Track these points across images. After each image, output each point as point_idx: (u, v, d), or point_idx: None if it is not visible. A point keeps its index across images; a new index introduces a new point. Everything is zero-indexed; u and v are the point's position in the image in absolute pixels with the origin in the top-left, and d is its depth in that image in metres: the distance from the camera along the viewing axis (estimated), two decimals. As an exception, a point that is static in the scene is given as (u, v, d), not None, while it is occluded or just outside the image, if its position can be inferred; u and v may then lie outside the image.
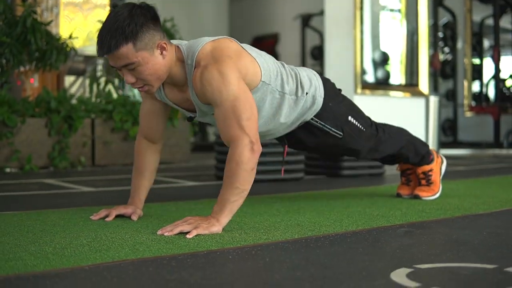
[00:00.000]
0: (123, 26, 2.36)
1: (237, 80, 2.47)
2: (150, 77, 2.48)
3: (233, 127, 2.45)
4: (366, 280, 1.70)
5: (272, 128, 2.90)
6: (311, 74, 2.99)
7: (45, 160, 6.01)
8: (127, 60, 2.41)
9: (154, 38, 2.44)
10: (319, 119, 3.00)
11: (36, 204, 3.49)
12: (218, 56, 2.49)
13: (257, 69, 2.63)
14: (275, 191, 4.06)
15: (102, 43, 2.39)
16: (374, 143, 3.22)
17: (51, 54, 5.70)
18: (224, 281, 1.69)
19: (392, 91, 8.36)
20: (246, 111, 2.45)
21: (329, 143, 3.10)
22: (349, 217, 2.86)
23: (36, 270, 1.78)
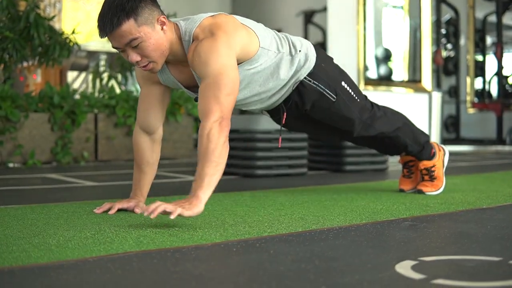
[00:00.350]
0: (123, 3, 2.41)
1: (227, 56, 2.51)
2: (154, 53, 2.51)
3: (210, 100, 2.45)
4: (371, 272, 1.70)
5: (271, 87, 2.91)
6: (301, 39, 3.05)
7: (48, 155, 6.01)
8: (130, 36, 2.44)
9: (154, 13, 2.50)
10: (312, 78, 3.00)
11: (39, 198, 3.49)
12: (215, 31, 2.54)
13: (254, 38, 2.71)
14: (279, 185, 4.05)
15: (103, 23, 2.43)
16: (368, 117, 3.21)
17: (54, 49, 5.69)
18: (229, 273, 1.69)
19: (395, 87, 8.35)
20: (227, 87, 2.47)
21: (323, 106, 3.08)
22: (353, 211, 2.85)
23: (40, 262, 1.78)
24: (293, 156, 4.86)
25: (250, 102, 2.97)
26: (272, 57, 2.82)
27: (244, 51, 2.67)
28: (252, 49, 2.71)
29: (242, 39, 2.64)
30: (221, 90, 2.45)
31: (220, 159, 2.40)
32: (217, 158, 2.39)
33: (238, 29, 2.64)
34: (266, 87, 2.89)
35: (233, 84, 2.50)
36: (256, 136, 4.69)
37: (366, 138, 3.37)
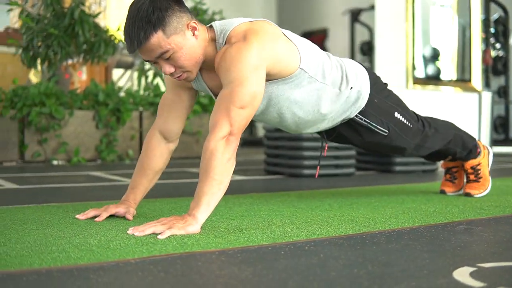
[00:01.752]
0: (148, 15, 2.22)
1: (253, 66, 2.29)
2: (187, 62, 2.34)
3: (221, 112, 2.26)
4: (427, 279, 1.60)
5: (311, 120, 2.73)
6: (357, 67, 2.83)
7: (93, 153, 5.99)
8: (160, 50, 2.26)
9: (183, 20, 2.30)
10: (363, 116, 2.83)
11: (81, 196, 3.44)
12: (249, 37, 2.32)
13: (295, 56, 2.50)
14: (326, 186, 3.96)
15: (130, 38, 2.24)
16: (420, 139, 3.05)
17: (99, 46, 5.67)
18: (277, 277, 1.60)
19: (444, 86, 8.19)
20: (244, 100, 2.26)
21: (374, 141, 2.93)
22: (405, 213, 2.74)
23: (79, 263, 1.71)
24: (340, 156, 4.76)
25: (281, 125, 2.79)
26: (313, 85, 2.60)
27: (279, 67, 2.44)
28: (290, 67, 2.49)
29: (279, 52, 2.42)
30: (234, 102, 2.25)
31: (223, 177, 2.22)
32: (218, 176, 2.20)
33: (276, 40, 2.42)
34: (304, 119, 2.71)
35: (251, 98, 2.28)
36: (303, 136, 4.59)
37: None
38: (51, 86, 5.61)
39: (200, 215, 2.19)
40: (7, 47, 7.21)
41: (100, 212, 2.51)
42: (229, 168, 2.24)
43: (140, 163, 2.66)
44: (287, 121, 2.69)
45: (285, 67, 2.47)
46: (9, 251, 1.85)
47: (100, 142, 5.98)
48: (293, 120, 2.69)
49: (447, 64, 8.93)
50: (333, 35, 13.46)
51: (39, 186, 3.91)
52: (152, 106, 6.36)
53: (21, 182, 4.13)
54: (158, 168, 2.67)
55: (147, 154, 2.65)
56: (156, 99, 6.35)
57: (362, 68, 2.85)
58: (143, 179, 2.64)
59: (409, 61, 7.60)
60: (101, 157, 5.96)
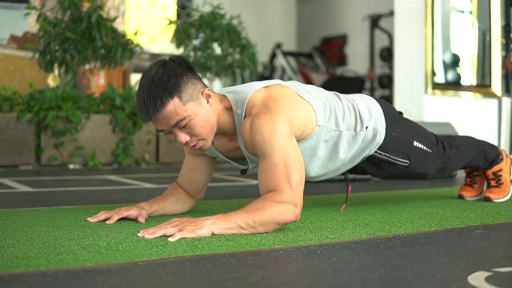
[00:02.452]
0: (163, 82, 2.20)
1: (289, 135, 2.29)
2: (203, 129, 2.31)
3: (281, 180, 2.23)
4: (441, 284, 1.56)
5: (332, 168, 2.70)
6: (370, 104, 2.79)
7: (109, 157, 5.98)
8: (177, 117, 2.24)
9: (197, 87, 2.29)
10: (382, 151, 2.79)
11: (96, 199, 3.43)
12: (271, 105, 2.31)
13: (311, 114, 2.47)
14: (342, 191, 3.91)
15: (146, 106, 2.21)
16: (442, 162, 3.00)
17: (116, 50, 5.66)
18: (287, 281, 1.56)
19: (464, 91, 8.12)
20: (297, 173, 2.26)
21: (396, 172, 2.89)
22: (421, 217, 2.70)
23: (87, 265, 1.69)
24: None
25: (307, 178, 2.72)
26: (329, 134, 2.57)
27: (301, 129, 2.43)
28: (309, 127, 2.47)
29: (300, 116, 2.40)
30: (292, 175, 2.24)
31: (260, 228, 2.19)
32: (258, 224, 2.18)
33: (295, 104, 2.40)
34: (325, 169, 2.68)
35: (301, 170, 2.29)
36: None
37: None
38: (68, 90, 5.61)
39: (218, 225, 2.17)
40: (25, 51, 7.23)
41: (111, 214, 2.49)
42: (271, 228, 2.23)
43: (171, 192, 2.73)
44: (309, 173, 2.65)
45: (305, 127, 2.45)
46: (16, 252, 1.83)
47: (117, 146, 5.96)
48: (314, 170, 2.66)
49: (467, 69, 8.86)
50: (353, 41, 13.40)
51: (54, 189, 3.90)
52: (169, 111, 6.34)
53: (35, 185, 4.12)
54: (175, 208, 2.73)
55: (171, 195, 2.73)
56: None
57: (375, 103, 2.81)
58: (161, 201, 2.69)
59: (428, 67, 7.53)
60: (118, 161, 5.95)
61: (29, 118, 5.57)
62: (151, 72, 2.25)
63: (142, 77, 2.28)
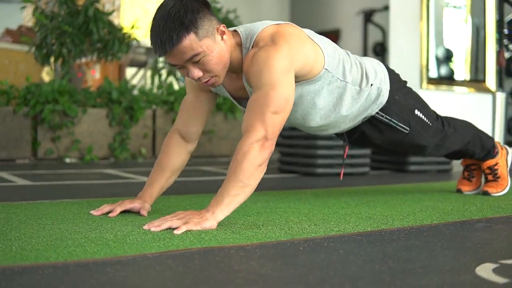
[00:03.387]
0: (180, 16, 2.17)
1: (285, 70, 2.26)
2: (216, 66, 2.29)
3: (255, 115, 2.21)
4: (450, 275, 1.57)
5: (333, 121, 2.70)
6: (377, 65, 2.81)
7: (106, 151, 5.98)
8: (192, 52, 2.21)
9: (213, 23, 2.26)
10: (384, 113, 2.80)
11: (96, 192, 3.43)
12: (277, 39, 2.30)
13: (319, 56, 2.46)
14: (341, 184, 3.92)
15: (161, 40, 2.18)
16: (440, 139, 3.02)
17: (113, 44, 5.65)
18: (297, 272, 1.57)
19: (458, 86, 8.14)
20: (277, 104, 2.22)
21: (395, 139, 2.90)
22: (422, 211, 2.71)
23: (96, 257, 1.69)
24: (355, 154, 4.73)
25: (305, 128, 2.79)
26: (335, 84, 2.57)
27: (306, 69, 2.42)
28: (315, 68, 2.46)
29: (306, 55, 2.39)
30: (269, 107, 2.21)
31: (250, 181, 2.17)
32: (246, 179, 2.16)
33: (304, 43, 2.39)
34: (326, 120, 2.68)
35: (285, 103, 2.26)
36: (318, 134, 4.56)
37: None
38: (64, 84, 5.60)
39: (219, 213, 2.16)
40: (20, 45, 7.21)
41: (114, 207, 2.49)
42: (258, 174, 2.20)
43: (159, 162, 2.63)
44: (310, 122, 2.67)
45: (311, 68, 2.45)
46: (24, 245, 1.83)
47: (113, 140, 5.96)
48: (315, 121, 2.67)
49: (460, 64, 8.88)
50: (346, 35, 13.39)
51: (53, 183, 3.90)
52: (165, 105, 6.34)
53: (34, 179, 4.12)
54: (176, 167, 2.64)
55: (166, 153, 2.63)
56: (170, 98, 6.33)
57: (381, 65, 2.83)
58: (161, 177, 2.61)
59: (423, 62, 7.55)
60: (114, 155, 5.95)
61: (25, 111, 5.56)
62: (167, 5, 2.21)
63: (158, 10, 2.24)
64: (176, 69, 2.35)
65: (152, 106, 6.28)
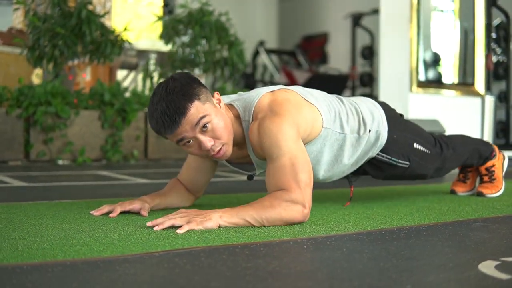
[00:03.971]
0: (180, 90, 2.24)
1: (296, 138, 2.32)
2: (224, 131, 2.33)
3: (290, 180, 2.25)
4: (454, 272, 1.60)
5: (337, 171, 2.73)
6: (372, 107, 2.83)
7: (98, 153, 5.98)
8: (199, 115, 2.25)
9: (208, 93, 2.34)
10: (384, 153, 2.83)
11: (93, 193, 3.44)
12: (277, 109, 2.35)
13: (317, 117, 2.51)
14: (334, 186, 3.95)
15: (169, 116, 2.23)
16: (440, 163, 3.05)
17: (105, 46, 5.66)
18: (304, 269, 1.59)
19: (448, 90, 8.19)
20: (305, 173, 2.27)
21: (396, 173, 2.94)
22: (419, 211, 2.74)
23: (103, 256, 1.71)
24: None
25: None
26: (334, 137, 2.61)
27: (307, 131, 2.46)
28: (315, 130, 2.50)
29: (306, 119, 2.44)
30: (300, 175, 2.25)
31: (266, 223, 2.21)
32: (265, 220, 2.21)
33: (301, 107, 2.44)
34: (330, 171, 2.71)
35: (309, 171, 2.30)
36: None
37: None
38: (57, 86, 5.60)
39: (225, 217, 2.19)
40: (11, 47, 7.20)
41: (114, 207, 2.50)
42: (276, 224, 2.23)
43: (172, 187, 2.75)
44: (317, 176, 2.68)
45: (311, 130, 2.49)
46: (30, 244, 1.85)
47: (106, 142, 5.96)
48: (320, 174, 2.69)
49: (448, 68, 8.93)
50: (334, 39, 13.45)
51: (48, 184, 3.90)
52: (157, 107, 6.34)
53: (29, 180, 4.12)
54: (177, 201, 2.74)
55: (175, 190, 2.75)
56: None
57: (377, 105, 2.86)
58: (163, 196, 2.70)
59: (413, 65, 7.59)
60: (106, 157, 5.95)
61: (18, 113, 5.56)
62: (162, 88, 2.26)
63: (153, 96, 2.29)
64: (186, 147, 2.36)
65: (144, 109, 6.29)
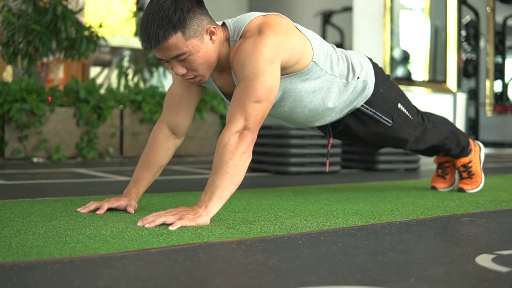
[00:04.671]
0: (169, 14, 2.16)
1: (269, 60, 2.25)
2: (201, 66, 2.29)
3: (237, 106, 2.22)
4: (453, 265, 1.61)
5: (320, 113, 2.73)
6: (362, 59, 2.84)
7: (73, 150, 5.93)
8: (177, 51, 2.21)
9: (203, 23, 2.25)
10: (369, 106, 2.84)
11: (74, 191, 3.41)
12: (264, 30, 2.29)
13: (307, 49, 2.47)
14: (316, 183, 3.96)
15: (148, 35, 2.18)
16: (420, 132, 3.07)
17: (81, 43, 5.60)
18: (305, 264, 1.59)
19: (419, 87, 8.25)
20: (259, 93, 2.21)
21: (378, 131, 2.94)
22: (404, 207, 2.76)
23: (99, 253, 1.69)
24: (326, 154, 4.76)
25: (292, 120, 2.80)
26: (323, 77, 2.58)
27: (294, 60, 2.41)
28: (303, 61, 2.46)
29: (294, 45, 2.38)
30: (250, 96, 2.21)
31: (236, 171, 2.17)
32: (232, 169, 2.15)
33: (292, 33, 2.39)
34: (314, 112, 2.70)
35: (268, 91, 2.24)
36: (289, 133, 4.59)
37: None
38: (32, 83, 5.55)
39: (211, 207, 2.16)
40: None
41: (101, 204, 2.47)
42: (243, 163, 2.19)
43: (146, 157, 2.60)
44: (297, 114, 2.69)
45: (299, 60, 2.45)
46: (23, 241, 1.82)
47: (81, 140, 5.91)
48: (303, 113, 2.69)
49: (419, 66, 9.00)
50: (305, 36, 13.46)
51: (27, 182, 3.86)
52: (133, 104, 6.32)
53: (7, 178, 4.07)
54: (163, 162, 2.62)
55: (154, 148, 2.59)
56: (137, 97, 6.30)
57: (366, 58, 2.87)
58: (147, 173, 2.58)
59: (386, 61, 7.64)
60: (82, 155, 5.90)
61: (-8, 110, 5.50)
62: (159, 0, 2.20)
63: (149, 4, 2.23)
64: (162, 62, 2.35)
65: (120, 106, 6.25)
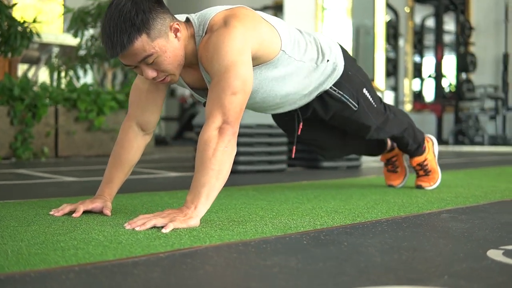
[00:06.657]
0: (131, 17, 2.11)
1: (239, 51, 2.21)
2: (170, 66, 2.24)
3: (214, 102, 2.17)
4: (472, 261, 1.61)
5: (292, 98, 2.71)
6: (330, 41, 2.82)
7: (7, 150, 5.72)
8: (144, 54, 2.16)
9: (166, 22, 2.21)
10: (337, 88, 2.82)
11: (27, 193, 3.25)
12: (230, 21, 2.25)
13: (275, 38, 2.43)
14: (268, 181, 3.93)
15: (112, 42, 2.12)
16: (382, 121, 3.08)
17: (15, 38, 5.41)
18: (327, 265, 1.55)
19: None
20: (234, 86, 2.17)
21: (343, 115, 2.92)
22: (378, 204, 2.76)
23: (107, 259, 1.59)
24: (273, 151, 4.75)
25: (263, 108, 2.77)
26: (293, 64, 2.56)
27: (262, 50, 2.38)
28: (272, 51, 2.43)
29: (262, 35, 2.35)
30: (225, 90, 2.16)
31: (221, 166, 2.11)
32: (216, 166, 2.10)
33: (259, 23, 2.35)
34: (285, 98, 2.68)
35: (243, 83, 2.20)
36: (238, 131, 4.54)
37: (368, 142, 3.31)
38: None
39: (200, 208, 2.10)
40: None
41: (75, 206, 2.36)
42: (227, 158, 2.15)
43: (117, 156, 2.51)
44: (268, 103, 2.67)
45: (268, 50, 2.42)
46: (16, 249, 1.68)
47: (15, 139, 5.71)
48: (274, 101, 2.66)
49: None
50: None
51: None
52: (68, 102, 6.14)
53: None
54: (134, 161, 2.55)
55: (125, 147, 2.51)
56: (72, 95, 6.13)
57: (334, 41, 2.86)
58: (120, 173, 2.51)
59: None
60: (16, 155, 5.70)
61: None
62: (118, 4, 2.13)
63: (108, 8, 2.16)
64: (130, 69, 2.28)
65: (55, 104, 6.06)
